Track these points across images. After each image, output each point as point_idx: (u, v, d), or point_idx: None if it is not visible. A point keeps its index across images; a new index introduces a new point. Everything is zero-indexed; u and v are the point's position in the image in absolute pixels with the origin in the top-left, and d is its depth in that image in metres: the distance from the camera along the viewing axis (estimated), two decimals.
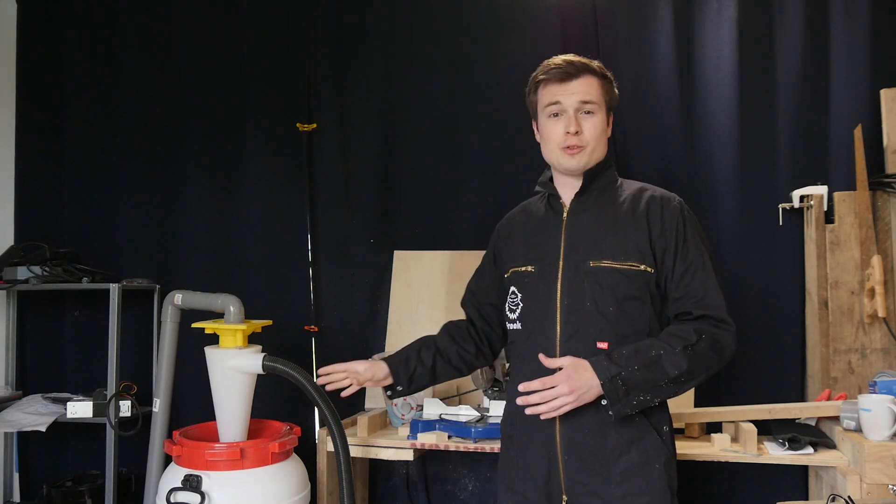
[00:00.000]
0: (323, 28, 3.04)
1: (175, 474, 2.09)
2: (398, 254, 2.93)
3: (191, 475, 2.05)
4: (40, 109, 3.26)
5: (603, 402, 1.57)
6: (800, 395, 2.55)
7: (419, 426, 2.34)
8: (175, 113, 3.14)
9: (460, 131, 2.91)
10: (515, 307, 1.74)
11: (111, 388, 2.74)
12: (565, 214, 1.72)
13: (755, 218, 2.61)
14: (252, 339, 2.24)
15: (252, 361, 2.13)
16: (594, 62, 1.72)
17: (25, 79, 3.28)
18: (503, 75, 2.84)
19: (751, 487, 2.56)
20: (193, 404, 2.93)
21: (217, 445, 2.10)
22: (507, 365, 2.34)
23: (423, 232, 2.93)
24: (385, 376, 1.86)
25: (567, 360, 1.56)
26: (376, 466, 2.87)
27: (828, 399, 2.34)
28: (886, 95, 2.47)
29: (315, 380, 1.98)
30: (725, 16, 2.66)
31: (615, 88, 1.75)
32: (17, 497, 3.13)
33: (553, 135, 1.70)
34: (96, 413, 2.77)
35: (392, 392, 1.89)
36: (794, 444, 2.18)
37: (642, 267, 1.63)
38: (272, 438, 2.17)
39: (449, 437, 2.33)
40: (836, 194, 2.50)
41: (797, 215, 2.58)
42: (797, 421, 2.39)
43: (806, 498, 2.47)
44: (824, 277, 2.47)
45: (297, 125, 3.02)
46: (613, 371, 1.53)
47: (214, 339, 2.22)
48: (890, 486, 1.96)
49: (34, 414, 2.81)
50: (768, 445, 2.26)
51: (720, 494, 2.60)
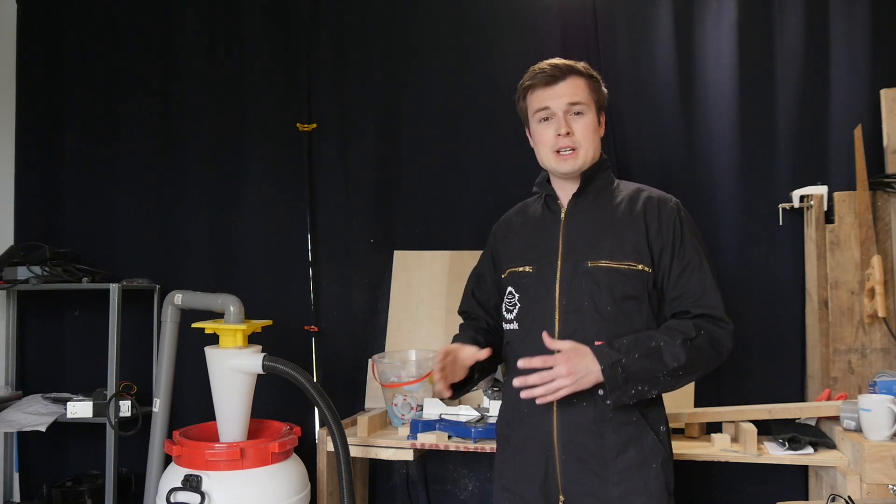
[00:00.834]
0: (323, 28, 3.04)
1: (175, 474, 2.09)
2: (398, 254, 2.93)
3: (191, 475, 2.05)
4: (40, 109, 3.25)
5: (600, 392, 1.57)
6: (800, 395, 2.55)
7: (419, 426, 2.34)
8: (175, 113, 3.14)
9: (460, 131, 2.91)
10: (513, 307, 1.73)
11: (111, 388, 2.74)
12: (563, 215, 1.72)
13: (755, 218, 2.61)
14: (252, 339, 2.24)
15: (252, 361, 2.13)
16: (579, 63, 1.72)
17: (25, 79, 3.27)
18: (503, 75, 2.83)
19: (751, 487, 2.56)
20: (193, 404, 2.93)
21: (217, 445, 2.10)
22: None
23: (423, 232, 2.93)
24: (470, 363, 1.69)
25: (568, 344, 1.56)
26: (376, 466, 2.86)
27: (828, 399, 2.34)
28: (886, 95, 2.47)
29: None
30: (725, 16, 2.66)
31: (603, 87, 1.75)
32: (17, 497, 3.12)
33: (545, 139, 1.70)
34: (96, 413, 2.77)
35: (464, 388, 1.74)
36: (794, 444, 2.18)
37: (640, 267, 1.64)
38: (272, 438, 2.17)
39: (449, 437, 2.33)
40: (836, 194, 2.50)
41: (797, 215, 2.58)
42: (797, 421, 2.39)
43: (806, 498, 2.47)
44: (824, 277, 2.47)
45: (297, 125, 3.02)
46: (614, 357, 1.53)
47: (214, 339, 2.22)
48: (890, 486, 1.96)
49: (34, 414, 2.81)
50: (768, 445, 2.26)
51: (720, 494, 2.60)
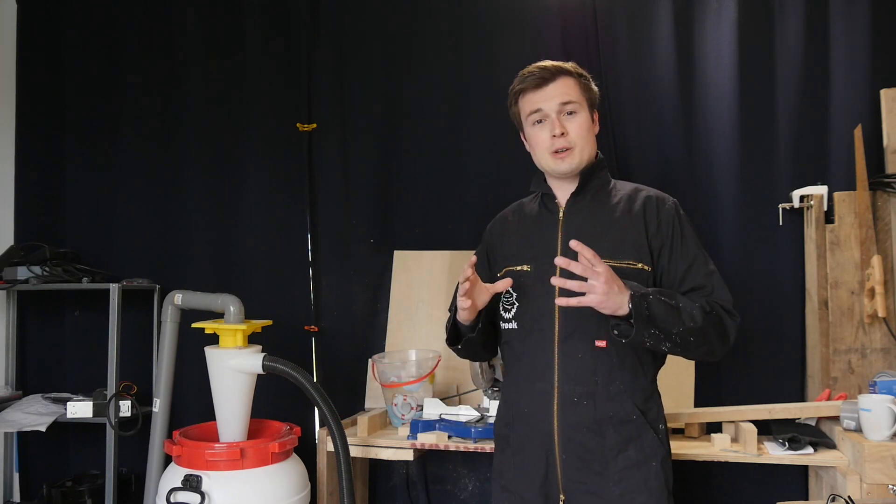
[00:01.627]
0: (323, 28, 3.04)
1: (175, 474, 2.09)
2: (398, 254, 2.93)
3: (191, 475, 2.05)
4: (40, 109, 3.25)
5: (615, 333, 1.52)
6: (800, 395, 2.55)
7: (419, 426, 2.34)
8: (175, 113, 3.14)
9: (460, 131, 2.91)
10: (510, 306, 1.73)
11: (111, 388, 2.74)
12: (561, 214, 1.72)
13: (755, 218, 2.61)
14: (252, 339, 2.24)
15: (252, 361, 2.13)
16: (567, 63, 1.72)
17: (25, 79, 3.27)
18: (503, 75, 2.79)
19: (751, 487, 2.56)
20: (193, 404, 2.93)
21: (217, 445, 2.10)
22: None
23: (423, 232, 2.93)
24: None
25: (604, 267, 1.47)
26: (376, 466, 2.86)
27: (828, 399, 2.34)
28: (886, 95, 2.47)
29: None
30: (725, 16, 2.66)
31: (594, 85, 1.75)
32: (17, 497, 3.12)
33: (540, 141, 1.71)
34: (96, 413, 2.77)
35: (469, 329, 1.72)
36: (794, 444, 2.18)
37: (639, 265, 1.64)
38: (272, 438, 2.17)
39: (449, 437, 2.33)
40: (836, 194, 2.50)
41: (797, 215, 2.58)
42: (797, 421, 2.39)
43: (806, 498, 2.47)
44: (824, 277, 2.47)
45: (297, 125, 3.02)
46: (643, 290, 1.52)
47: (214, 339, 2.22)
48: (890, 486, 1.96)
49: (34, 414, 2.81)
50: (768, 445, 2.26)
51: (720, 494, 2.60)
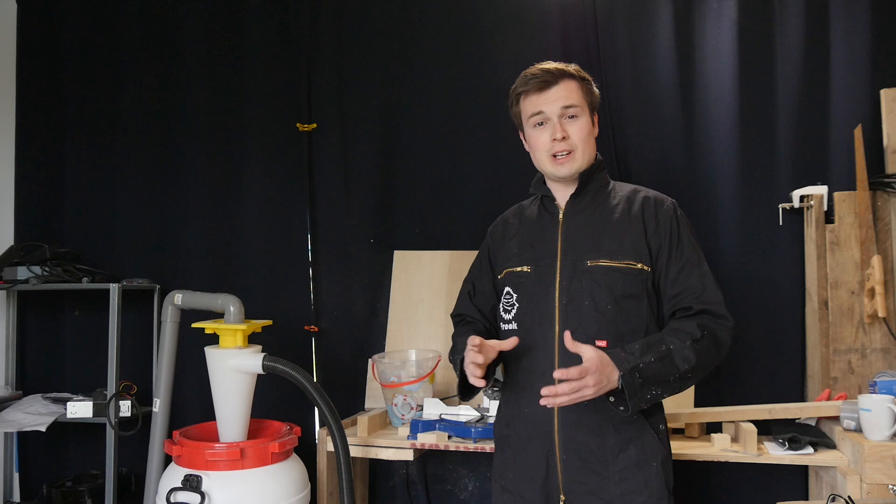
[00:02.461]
0: (323, 28, 3.04)
1: (175, 474, 2.09)
2: (398, 254, 2.92)
3: (191, 475, 2.05)
4: (40, 109, 3.25)
5: (611, 399, 1.55)
6: (800, 395, 2.55)
7: (419, 426, 2.34)
8: (175, 113, 3.14)
9: (460, 131, 2.91)
10: (511, 307, 1.74)
11: (111, 388, 2.74)
12: (561, 216, 1.73)
13: (755, 218, 2.61)
14: (252, 339, 2.24)
15: (252, 361, 2.13)
16: (570, 66, 1.72)
17: (25, 79, 3.27)
18: (503, 75, 2.81)
19: (751, 487, 2.56)
20: (193, 404, 2.93)
21: (217, 445, 2.10)
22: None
23: (423, 232, 2.93)
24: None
25: (590, 351, 1.50)
26: (376, 466, 2.86)
27: (828, 399, 2.34)
28: (886, 95, 2.47)
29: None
30: (725, 15, 2.65)
31: (595, 88, 1.75)
32: (17, 497, 3.12)
33: (540, 143, 1.71)
34: (96, 413, 2.77)
35: (489, 382, 1.72)
36: (794, 444, 2.18)
37: (639, 265, 1.65)
38: (272, 438, 2.17)
39: (449, 437, 2.33)
40: (836, 194, 2.50)
41: (797, 215, 2.58)
42: (797, 421, 2.39)
43: (806, 498, 2.47)
44: (824, 277, 2.47)
45: (297, 125, 3.02)
46: (632, 363, 1.53)
47: (214, 339, 2.22)
48: (890, 486, 1.96)
49: (34, 414, 2.81)
50: (768, 445, 2.26)
51: (720, 494, 2.60)
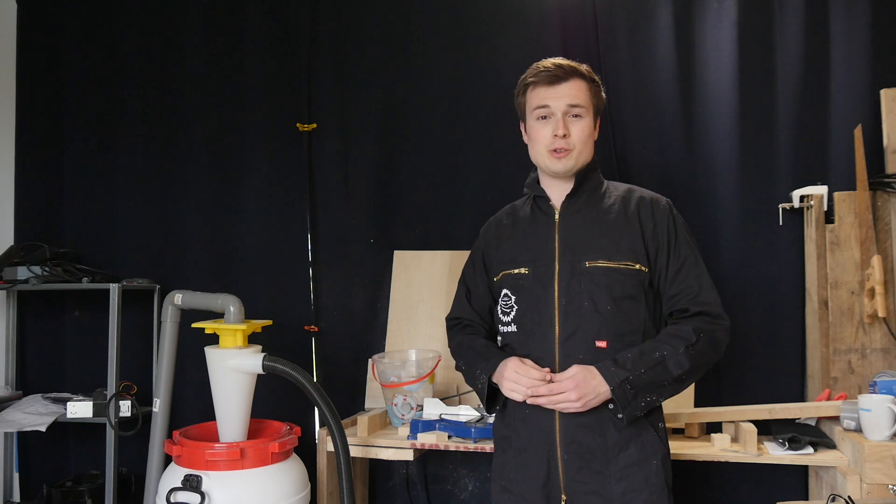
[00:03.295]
0: (323, 28, 3.04)
1: (175, 474, 2.09)
2: (398, 254, 2.93)
3: (191, 475, 2.05)
4: (40, 109, 3.25)
5: (610, 407, 1.59)
6: (800, 395, 2.55)
7: (419, 426, 2.34)
8: (175, 113, 3.14)
9: (460, 131, 2.91)
10: (509, 310, 1.74)
11: (111, 388, 2.74)
12: (557, 216, 1.73)
13: (755, 218, 2.61)
14: (252, 339, 2.24)
15: (252, 361, 2.13)
16: (583, 66, 1.72)
17: (25, 79, 3.27)
18: (503, 75, 2.83)
19: (751, 487, 2.56)
20: (193, 404, 2.93)
21: (217, 445, 2.10)
22: None
23: (423, 232, 2.93)
24: None
25: (574, 369, 1.58)
26: (376, 466, 2.86)
27: (828, 399, 2.34)
28: (886, 95, 2.47)
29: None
30: (725, 16, 2.65)
31: (602, 93, 1.76)
32: (17, 497, 3.12)
33: (541, 137, 1.71)
34: (96, 413, 2.77)
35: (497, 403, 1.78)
36: (794, 444, 2.18)
37: (636, 266, 1.66)
38: (272, 438, 2.17)
39: (449, 437, 2.33)
40: (836, 194, 2.50)
41: (797, 215, 2.58)
42: (797, 421, 2.39)
43: (806, 498, 2.47)
44: (824, 277, 2.47)
45: (297, 125, 3.02)
46: (622, 376, 1.56)
47: (214, 339, 2.22)
48: (890, 486, 1.96)
49: (34, 414, 2.81)
50: (768, 445, 2.26)
51: (720, 494, 2.59)
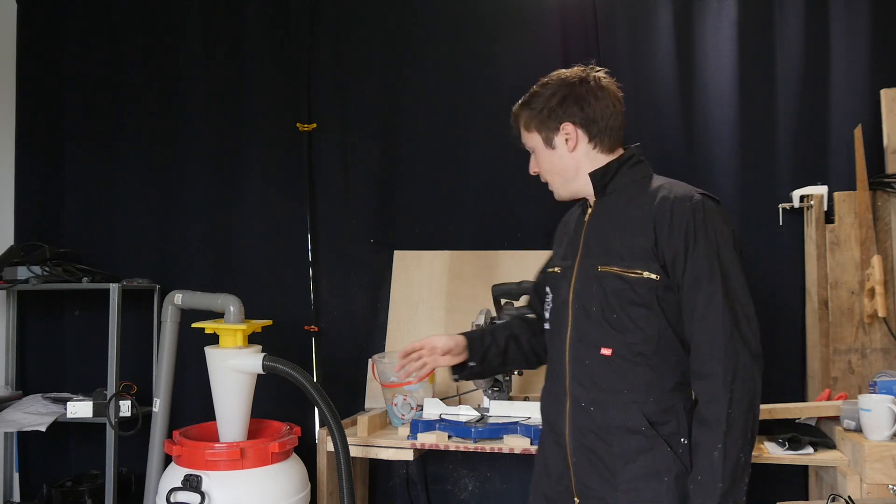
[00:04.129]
0: (323, 28, 3.04)
1: (175, 474, 2.09)
2: (398, 254, 2.92)
3: (191, 475, 2.05)
4: (40, 109, 3.25)
5: None
6: (800, 395, 2.55)
7: (419, 426, 2.34)
8: (175, 113, 3.14)
9: (460, 131, 2.91)
10: (548, 307, 1.72)
11: (111, 388, 2.74)
12: (586, 217, 1.67)
13: (755, 218, 2.61)
14: (252, 339, 2.24)
15: (252, 361, 2.13)
16: (519, 102, 1.67)
17: (25, 79, 3.27)
18: (503, 75, 2.84)
19: (751, 487, 2.53)
20: (193, 404, 2.93)
21: (217, 445, 2.10)
22: None
23: (423, 232, 2.93)
24: (461, 350, 1.79)
25: None
26: (376, 466, 2.86)
27: (828, 399, 2.34)
28: (886, 95, 2.47)
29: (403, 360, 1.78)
30: (725, 16, 2.66)
31: (547, 103, 1.60)
32: (17, 497, 3.12)
33: None
34: (96, 413, 2.77)
35: (461, 371, 1.82)
36: (794, 444, 2.18)
37: (645, 274, 1.52)
38: (272, 438, 2.17)
39: (449, 437, 2.33)
40: (836, 194, 2.50)
41: (797, 215, 2.58)
42: (797, 421, 2.39)
43: (806, 498, 2.47)
44: (824, 277, 2.47)
45: (297, 125, 3.02)
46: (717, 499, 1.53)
47: (214, 339, 2.22)
48: (890, 486, 1.96)
49: (34, 414, 2.81)
50: (768, 445, 2.25)
51: None
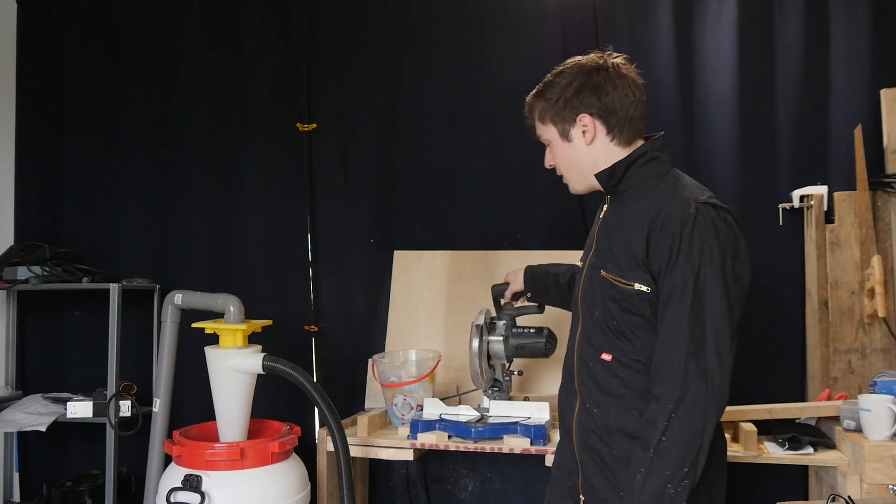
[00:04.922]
0: (323, 28, 3.04)
1: (175, 474, 2.09)
2: (398, 254, 2.92)
3: (191, 475, 2.05)
4: (40, 109, 3.25)
5: None
6: (800, 395, 2.55)
7: (419, 426, 2.34)
8: (175, 113, 3.14)
9: (460, 131, 2.91)
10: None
11: (111, 388, 2.74)
12: (601, 215, 1.65)
13: (755, 218, 2.61)
14: (252, 339, 2.24)
15: (252, 361, 2.13)
16: (533, 92, 1.63)
17: (25, 79, 3.27)
18: (503, 75, 2.84)
19: (751, 487, 2.56)
20: (193, 404, 2.93)
21: (217, 445, 2.10)
22: (507, 365, 2.34)
23: (423, 232, 2.93)
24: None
25: None
26: (376, 466, 2.86)
27: (828, 399, 2.34)
28: (886, 95, 2.47)
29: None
30: (725, 16, 2.66)
31: (561, 94, 1.57)
32: (17, 497, 3.12)
33: None
34: (96, 413, 2.77)
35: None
36: (794, 444, 2.18)
37: (637, 286, 1.48)
38: (272, 438, 2.17)
39: (449, 437, 2.33)
40: (836, 194, 2.50)
41: (797, 215, 2.58)
42: (797, 421, 2.39)
43: (806, 498, 2.47)
44: (824, 277, 2.47)
45: (297, 125, 3.02)
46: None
47: (214, 339, 2.22)
48: (890, 486, 1.96)
49: (34, 414, 2.81)
50: (768, 445, 2.26)
51: None
